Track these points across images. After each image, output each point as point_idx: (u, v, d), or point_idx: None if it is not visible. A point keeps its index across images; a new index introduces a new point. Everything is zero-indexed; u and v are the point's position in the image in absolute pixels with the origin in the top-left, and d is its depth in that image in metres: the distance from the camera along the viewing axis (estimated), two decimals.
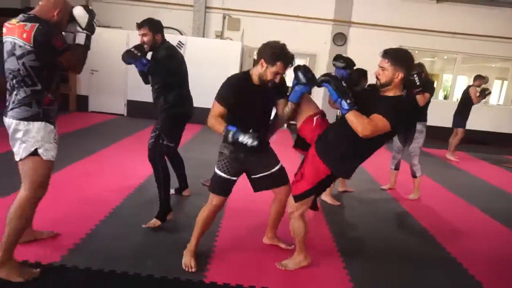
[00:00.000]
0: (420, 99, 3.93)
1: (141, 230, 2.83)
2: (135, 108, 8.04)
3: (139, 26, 2.89)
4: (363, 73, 3.73)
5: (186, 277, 2.29)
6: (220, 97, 2.34)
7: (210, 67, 7.81)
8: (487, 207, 4.16)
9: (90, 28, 2.11)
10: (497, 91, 12.12)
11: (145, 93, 7.81)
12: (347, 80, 2.80)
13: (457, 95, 12.48)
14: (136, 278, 2.25)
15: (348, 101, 2.05)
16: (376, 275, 2.57)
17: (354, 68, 3.73)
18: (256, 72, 2.28)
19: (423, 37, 8.79)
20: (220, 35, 8.70)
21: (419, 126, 4.15)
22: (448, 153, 6.82)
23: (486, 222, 3.80)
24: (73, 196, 3.36)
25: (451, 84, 10.42)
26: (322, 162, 2.22)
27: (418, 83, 3.80)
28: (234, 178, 2.42)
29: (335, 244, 2.95)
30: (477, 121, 7.76)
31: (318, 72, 9.02)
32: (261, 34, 8.73)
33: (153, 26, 2.90)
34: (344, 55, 3.29)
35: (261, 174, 2.46)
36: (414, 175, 4.28)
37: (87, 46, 2.12)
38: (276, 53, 2.19)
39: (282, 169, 2.52)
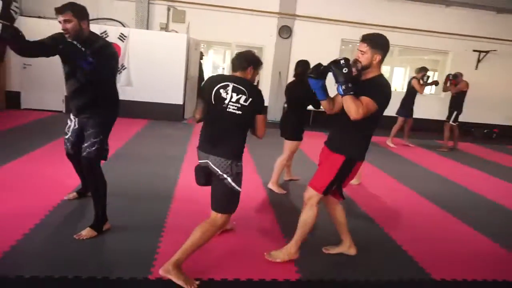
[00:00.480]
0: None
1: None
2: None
3: (59, 11, 2.43)
4: (307, 64, 3.86)
5: (129, 275, 2.23)
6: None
7: (155, 60, 7.58)
8: (424, 191, 4.47)
9: (5, 17, 1.92)
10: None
11: None
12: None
13: (394, 85, 13.24)
14: (76, 281, 2.15)
15: (343, 86, 2.20)
16: (321, 261, 2.67)
17: (299, 60, 3.86)
18: (247, 76, 2.40)
19: (364, 30, 9.08)
20: (165, 28, 8.46)
21: None
22: (387, 140, 7.27)
23: (423, 205, 4.08)
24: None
25: (389, 75, 11.03)
26: (336, 154, 2.42)
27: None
28: None
29: (281, 231, 3.03)
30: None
31: (264, 63, 9.12)
32: (208, 26, 8.67)
33: (77, 11, 2.48)
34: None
35: None
36: None
37: (3, 37, 1.94)
38: (259, 61, 2.44)
39: None
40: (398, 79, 13.03)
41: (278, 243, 2.78)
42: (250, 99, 2.26)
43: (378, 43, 2.32)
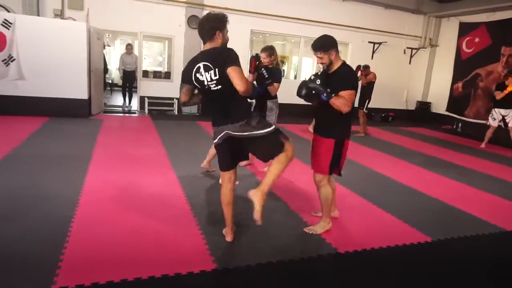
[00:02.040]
0: (271, 89, 4.28)
1: None
2: None
3: None
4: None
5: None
6: None
7: (51, 51, 6.85)
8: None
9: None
10: None
11: None
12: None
13: (304, 75, 13.98)
14: None
15: (324, 94, 2.60)
16: (236, 249, 2.73)
17: None
18: (218, 44, 2.47)
19: (271, 21, 9.48)
20: (60, 14, 7.67)
21: (269, 104, 4.48)
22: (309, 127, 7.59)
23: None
24: None
25: (298, 66, 11.61)
26: (328, 139, 2.82)
27: (266, 76, 4.16)
28: None
29: (196, 223, 3.02)
30: None
31: (175, 54, 8.90)
32: (111, 15, 8.10)
33: None
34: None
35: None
36: None
37: None
38: (222, 20, 2.46)
39: None
40: (307, 68, 13.77)
41: (193, 236, 2.77)
42: (217, 68, 2.34)
43: (327, 45, 2.69)
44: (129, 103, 9.73)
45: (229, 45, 2.52)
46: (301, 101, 2.96)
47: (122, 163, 4.46)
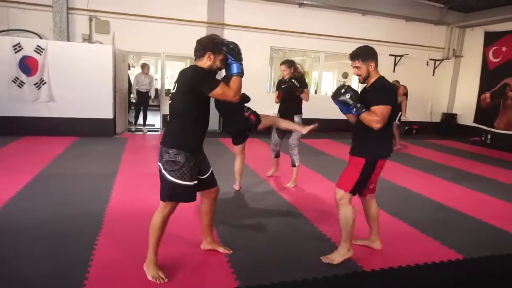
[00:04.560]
0: (304, 96, 4.48)
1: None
2: None
3: None
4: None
5: None
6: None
7: (79, 73, 7.15)
8: None
9: None
10: (356, 85, 13.95)
11: None
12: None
13: (324, 89, 13.95)
14: None
15: (354, 109, 2.53)
16: (256, 261, 2.70)
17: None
18: (204, 65, 2.36)
19: (291, 38, 9.57)
20: (88, 39, 8.03)
21: (296, 119, 4.51)
22: None
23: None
24: None
25: (318, 80, 11.61)
26: (358, 158, 2.64)
27: (298, 85, 4.35)
28: (194, 183, 2.41)
29: (218, 234, 3.01)
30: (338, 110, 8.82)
31: None
32: (135, 37, 8.40)
33: None
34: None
35: (208, 174, 2.60)
36: (293, 165, 4.64)
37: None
38: (217, 44, 2.34)
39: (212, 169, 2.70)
40: (327, 83, 13.77)
41: (216, 253, 2.76)
42: (177, 84, 2.35)
43: (366, 54, 2.61)
44: (144, 123, 9.50)
45: (249, 61, 2.55)
46: (324, 115, 2.94)
47: (145, 180, 4.54)
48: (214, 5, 8.83)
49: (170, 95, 2.41)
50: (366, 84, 2.71)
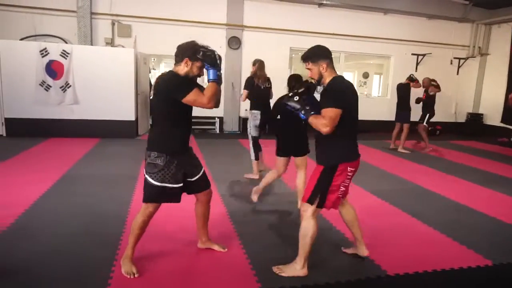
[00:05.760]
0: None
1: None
2: (16, 126, 7.13)
3: None
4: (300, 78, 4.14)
5: None
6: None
7: (102, 76, 7.32)
8: (377, 189, 4.64)
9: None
10: (376, 84, 13.74)
11: (26, 109, 7.04)
12: None
13: None
14: None
15: (302, 111, 2.38)
16: (272, 255, 2.68)
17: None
18: (181, 71, 2.38)
19: (311, 38, 9.49)
20: (110, 43, 8.21)
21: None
22: (399, 147, 7.45)
23: (377, 203, 4.25)
24: None
25: None
26: (318, 166, 2.48)
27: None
28: (179, 185, 2.43)
29: (240, 241, 3.01)
30: (361, 112, 8.69)
31: None
32: (156, 40, 8.52)
33: None
34: None
35: (198, 176, 2.57)
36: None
37: None
38: (197, 49, 2.33)
39: (204, 171, 2.66)
40: None
41: (237, 256, 2.76)
42: (154, 90, 2.39)
43: (315, 55, 2.44)
44: None
45: (269, 62, 2.53)
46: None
47: None
48: (233, 7, 8.88)
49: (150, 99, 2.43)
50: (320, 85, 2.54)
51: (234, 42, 8.96)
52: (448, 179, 5.54)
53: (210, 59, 2.32)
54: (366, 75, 13.51)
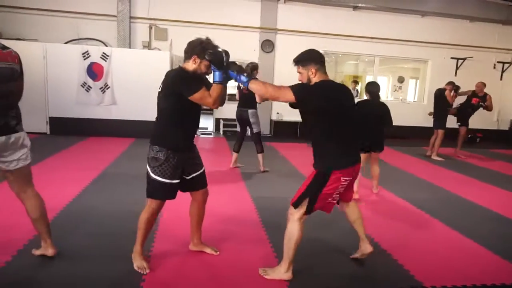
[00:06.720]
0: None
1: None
2: (59, 125, 7.51)
3: None
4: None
5: None
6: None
7: (139, 78, 7.57)
8: (413, 198, 4.49)
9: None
10: (412, 89, 13.31)
11: (68, 109, 7.41)
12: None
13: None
14: None
15: (244, 74, 2.38)
16: (311, 276, 2.65)
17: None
18: (190, 67, 2.42)
19: (344, 41, 9.38)
20: (147, 46, 8.48)
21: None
22: (433, 154, 7.28)
23: (413, 213, 4.11)
24: None
25: None
26: (314, 169, 2.41)
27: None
28: (176, 181, 2.46)
29: (271, 246, 3.00)
30: (395, 117, 8.45)
31: None
32: None
33: None
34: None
35: (195, 174, 2.58)
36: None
37: None
38: (205, 48, 2.38)
39: (204, 171, 2.67)
40: (383, 87, 13.26)
41: (269, 262, 2.75)
42: (162, 85, 2.39)
43: (306, 59, 2.40)
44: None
45: None
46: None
47: None
48: (267, 11, 8.92)
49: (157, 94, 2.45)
50: None
51: (268, 45, 9.00)
52: (487, 188, 5.28)
53: (216, 60, 2.34)
54: (401, 80, 13.14)
